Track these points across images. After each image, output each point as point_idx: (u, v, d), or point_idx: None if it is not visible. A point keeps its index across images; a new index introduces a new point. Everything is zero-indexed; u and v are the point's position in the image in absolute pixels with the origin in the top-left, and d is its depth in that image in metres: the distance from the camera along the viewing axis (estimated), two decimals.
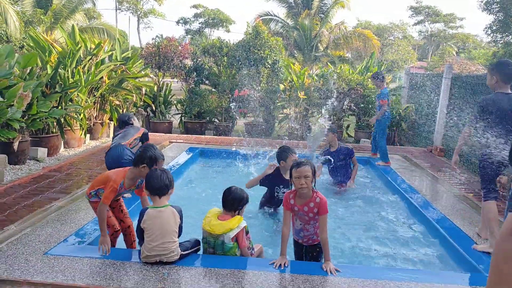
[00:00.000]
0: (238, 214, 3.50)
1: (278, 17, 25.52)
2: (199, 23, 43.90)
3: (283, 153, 4.80)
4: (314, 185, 3.40)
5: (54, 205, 4.64)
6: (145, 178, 3.36)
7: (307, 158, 4.24)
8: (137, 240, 3.59)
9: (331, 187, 6.40)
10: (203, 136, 10.60)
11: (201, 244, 3.56)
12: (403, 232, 4.86)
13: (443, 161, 8.34)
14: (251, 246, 3.59)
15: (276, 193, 4.91)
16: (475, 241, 4.21)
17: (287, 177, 4.61)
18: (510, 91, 4.13)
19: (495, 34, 18.31)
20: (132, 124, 5.37)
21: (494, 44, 21.23)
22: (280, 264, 3.35)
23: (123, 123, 5.37)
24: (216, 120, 11.91)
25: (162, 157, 3.59)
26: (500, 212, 5.16)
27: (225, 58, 11.68)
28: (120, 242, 3.81)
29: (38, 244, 3.59)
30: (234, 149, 8.53)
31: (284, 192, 4.45)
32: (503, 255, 1.24)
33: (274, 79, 11.34)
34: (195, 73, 11.71)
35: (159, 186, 3.25)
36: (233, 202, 3.48)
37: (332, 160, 6.35)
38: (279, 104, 11.75)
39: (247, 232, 3.53)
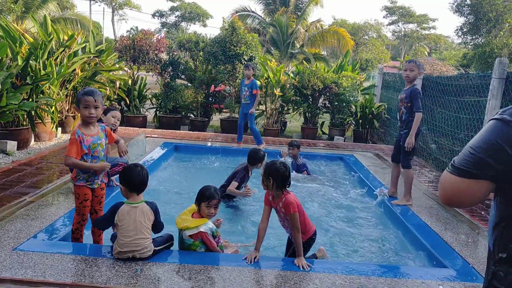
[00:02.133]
0: (200, 212, 3.56)
1: (255, 13, 25.52)
2: (175, 17, 43.51)
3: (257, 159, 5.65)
4: (284, 186, 3.51)
5: (24, 199, 4.54)
6: (123, 173, 3.33)
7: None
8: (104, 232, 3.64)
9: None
10: (178, 131, 10.54)
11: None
12: (372, 228, 4.98)
13: (413, 159, 8.55)
14: (221, 250, 3.63)
15: (241, 188, 5.56)
16: (441, 236, 4.37)
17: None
18: None
19: (465, 36, 18.87)
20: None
21: (464, 45, 21.85)
22: (251, 259, 3.42)
23: None
24: (191, 115, 11.86)
25: (86, 93, 3.37)
26: (466, 211, 5.36)
27: (201, 53, 11.62)
28: (87, 237, 3.77)
29: (7, 239, 3.51)
30: (209, 144, 8.53)
31: (245, 186, 5.57)
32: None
33: None
34: (170, 67, 11.60)
35: (139, 183, 3.26)
36: (197, 196, 3.60)
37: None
38: None
39: (214, 237, 3.57)
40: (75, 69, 8.46)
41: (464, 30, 18.31)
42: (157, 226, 3.35)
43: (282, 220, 3.64)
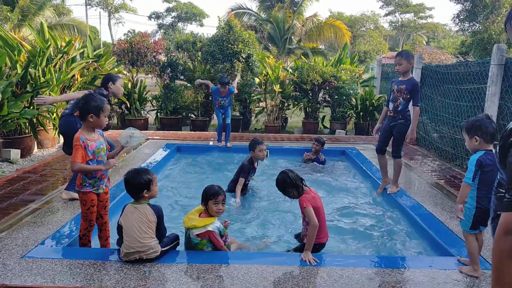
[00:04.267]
0: (207, 211, 3.59)
1: (251, 10, 25.46)
2: (172, 18, 43.44)
3: (252, 145, 5.69)
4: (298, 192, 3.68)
5: (30, 207, 4.57)
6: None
7: None
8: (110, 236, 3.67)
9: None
10: (179, 131, 10.55)
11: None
12: (377, 219, 4.98)
13: (415, 149, 8.56)
14: (228, 249, 3.66)
15: (248, 181, 5.68)
16: (447, 225, 4.37)
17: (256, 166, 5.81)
18: None
19: (463, 23, 18.78)
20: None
21: (462, 33, 21.76)
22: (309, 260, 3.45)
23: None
24: (192, 115, 11.87)
25: (105, 101, 3.53)
26: None
27: (199, 53, 11.62)
28: (94, 241, 3.80)
29: (15, 247, 3.54)
30: (212, 144, 8.54)
31: (252, 179, 5.82)
32: (500, 254, 1.30)
33: (249, 73, 11.36)
34: (169, 68, 11.61)
35: (129, 191, 3.34)
36: (203, 196, 3.63)
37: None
38: (254, 97, 11.78)
39: (222, 236, 3.59)
40: (74, 75, 8.49)
41: (461, 17, 18.21)
42: (159, 230, 3.36)
43: (303, 219, 3.74)
